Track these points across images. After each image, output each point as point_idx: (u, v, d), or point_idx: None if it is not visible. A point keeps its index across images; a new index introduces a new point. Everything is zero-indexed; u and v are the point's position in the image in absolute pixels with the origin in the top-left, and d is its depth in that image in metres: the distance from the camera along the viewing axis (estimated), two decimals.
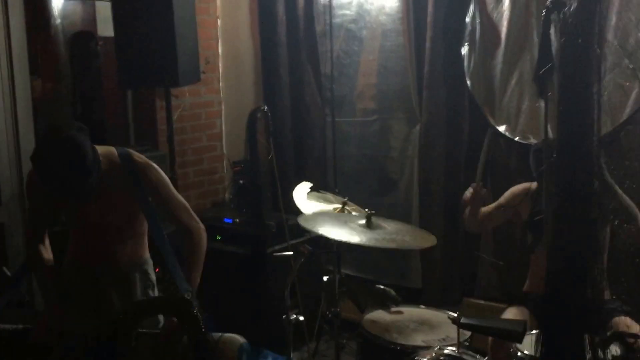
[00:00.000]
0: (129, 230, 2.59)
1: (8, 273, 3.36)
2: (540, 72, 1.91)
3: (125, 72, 3.88)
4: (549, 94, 2.05)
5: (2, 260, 3.80)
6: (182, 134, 4.50)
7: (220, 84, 4.81)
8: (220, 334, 2.22)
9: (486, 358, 2.60)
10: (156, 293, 2.67)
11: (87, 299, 2.57)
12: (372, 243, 2.54)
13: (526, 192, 3.25)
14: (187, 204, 2.60)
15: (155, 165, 2.57)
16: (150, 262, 2.69)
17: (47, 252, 2.60)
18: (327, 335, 4.24)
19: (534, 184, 3.27)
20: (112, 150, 2.52)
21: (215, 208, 4.68)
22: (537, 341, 2.01)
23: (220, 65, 4.79)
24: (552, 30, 1.88)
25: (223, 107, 4.84)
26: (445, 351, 2.64)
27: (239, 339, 2.21)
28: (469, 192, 3.19)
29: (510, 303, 3.26)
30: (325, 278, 3.37)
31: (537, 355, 1.98)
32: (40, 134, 3.82)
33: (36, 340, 2.39)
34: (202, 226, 2.59)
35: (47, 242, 2.62)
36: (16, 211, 3.83)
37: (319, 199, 3.19)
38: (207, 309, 2.56)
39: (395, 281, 4.13)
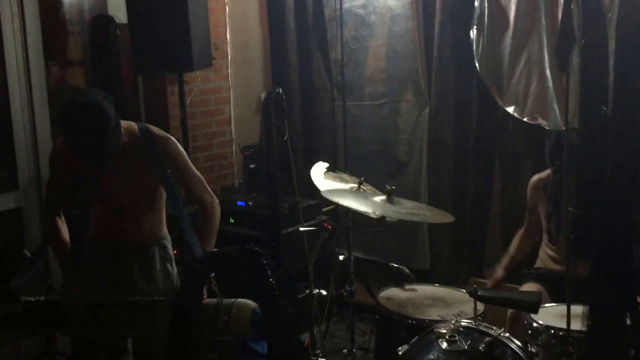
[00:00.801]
0: (148, 205, 2.64)
1: (28, 254, 3.43)
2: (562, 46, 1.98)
3: (139, 57, 3.94)
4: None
5: (20, 243, 3.86)
6: (192, 120, 4.55)
7: (229, 70, 4.86)
8: (234, 299, 2.27)
9: (502, 329, 2.66)
10: (174, 267, 2.72)
11: (107, 273, 2.62)
12: (397, 215, 2.62)
13: (537, 184, 3.39)
14: (202, 178, 2.67)
15: (173, 138, 2.64)
16: (169, 237, 2.75)
17: (64, 227, 2.66)
18: (337, 316, 4.32)
19: (543, 174, 3.39)
20: (133, 124, 2.59)
21: (225, 192, 4.75)
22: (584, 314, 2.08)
23: (229, 51, 4.84)
24: (573, 6, 1.94)
25: (232, 92, 4.90)
26: (463, 323, 2.71)
27: (252, 303, 2.25)
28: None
29: (524, 281, 3.35)
30: (340, 257, 3.46)
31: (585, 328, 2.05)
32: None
33: (61, 310, 2.45)
34: (216, 200, 2.67)
35: (63, 218, 2.68)
36: (33, 196, 3.88)
37: (335, 179, 3.26)
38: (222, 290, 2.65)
39: (404, 263, 4.18)
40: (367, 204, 2.76)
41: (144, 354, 2.74)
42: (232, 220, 4.30)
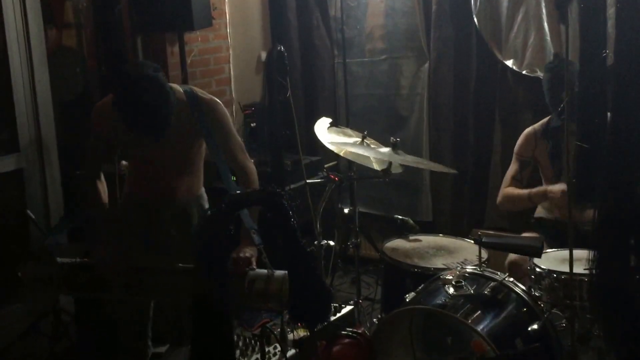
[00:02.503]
0: (188, 165, 2.66)
1: (32, 215, 3.47)
2: None
3: (138, 17, 3.94)
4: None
5: (22, 204, 3.89)
6: (192, 80, 4.56)
7: (228, 30, 4.86)
8: (272, 270, 2.30)
9: (507, 274, 2.76)
10: None
11: (145, 232, 2.65)
12: (406, 163, 2.68)
13: (534, 134, 3.39)
14: (242, 144, 2.68)
15: (219, 102, 2.63)
16: (206, 196, 2.77)
17: (103, 189, 2.66)
18: (341, 270, 4.42)
19: (536, 125, 3.43)
20: (178, 87, 2.58)
21: None
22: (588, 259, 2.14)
23: (227, 11, 4.83)
24: None
25: (231, 52, 4.90)
26: (468, 269, 2.80)
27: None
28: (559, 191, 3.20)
29: (523, 229, 3.44)
30: (346, 210, 3.53)
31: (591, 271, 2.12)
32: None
33: (99, 273, 2.49)
34: (254, 168, 2.69)
35: (103, 179, 2.67)
36: (34, 157, 3.87)
37: (339, 133, 3.31)
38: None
39: (406, 216, 4.26)
40: (375, 154, 2.83)
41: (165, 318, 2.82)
42: (234, 178, 4.34)
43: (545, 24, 3.78)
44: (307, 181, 3.31)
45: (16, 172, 3.86)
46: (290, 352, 2.38)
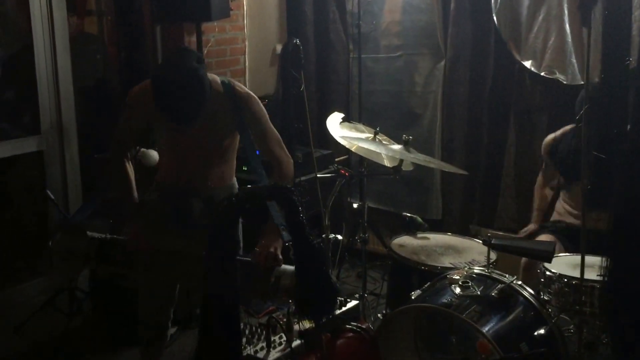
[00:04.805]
0: (221, 155, 2.66)
1: (52, 196, 3.51)
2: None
3: (158, 6, 3.95)
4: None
5: (42, 185, 3.97)
6: (208, 70, 4.55)
7: (245, 21, 4.86)
8: (283, 267, 2.31)
9: (515, 277, 2.74)
10: None
11: (175, 220, 2.64)
12: (417, 162, 2.67)
13: (553, 143, 3.45)
14: (280, 137, 2.68)
15: (256, 97, 2.64)
16: (237, 185, 2.78)
17: (131, 170, 2.68)
18: (347, 263, 4.42)
19: (557, 133, 3.44)
20: (217, 79, 2.59)
21: None
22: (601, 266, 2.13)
23: (244, 2, 4.83)
24: None
25: (247, 44, 4.90)
26: (476, 270, 2.78)
27: None
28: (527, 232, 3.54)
29: (539, 232, 3.42)
30: (355, 205, 3.53)
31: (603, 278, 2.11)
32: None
33: (129, 251, 2.52)
34: (291, 160, 2.69)
35: (130, 161, 2.70)
36: (55, 140, 3.97)
37: (351, 128, 3.30)
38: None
39: (415, 213, 4.24)
40: (386, 150, 2.82)
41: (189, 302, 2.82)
42: (244, 168, 4.35)
43: (567, 26, 3.73)
44: (318, 174, 3.31)
45: (37, 153, 3.95)
46: (295, 342, 2.39)
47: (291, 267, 2.31)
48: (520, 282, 2.71)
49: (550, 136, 3.52)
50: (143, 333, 2.80)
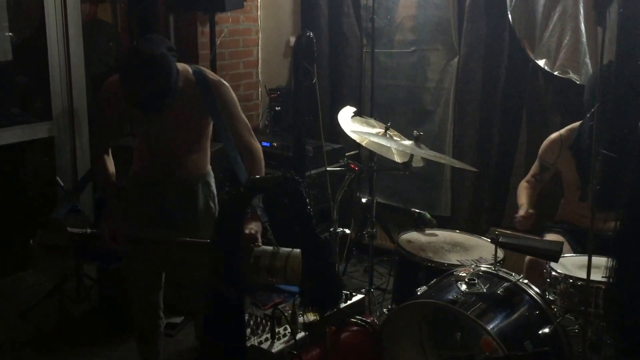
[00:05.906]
0: (195, 144, 2.68)
1: (61, 182, 3.54)
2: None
3: None
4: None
5: (52, 170, 3.99)
6: (220, 60, 4.58)
7: (259, 13, 4.86)
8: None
9: (521, 275, 2.73)
10: (217, 204, 2.78)
11: (151, 209, 2.68)
12: (427, 157, 2.66)
13: (560, 141, 3.33)
14: (249, 125, 2.70)
15: (227, 84, 2.66)
16: (212, 174, 2.80)
17: (111, 163, 2.71)
18: (355, 258, 4.43)
19: (562, 130, 3.37)
20: (187, 67, 2.60)
21: None
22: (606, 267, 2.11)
23: None
24: None
25: (260, 35, 4.91)
26: (482, 268, 2.78)
27: None
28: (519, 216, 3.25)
29: (546, 231, 3.39)
30: (363, 200, 3.53)
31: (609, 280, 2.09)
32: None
33: (107, 246, 2.54)
34: (260, 147, 2.71)
35: (110, 154, 2.72)
36: (65, 126, 3.99)
37: (362, 123, 3.29)
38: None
39: (424, 209, 4.23)
40: (397, 146, 2.82)
41: (177, 288, 2.84)
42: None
43: (582, 25, 3.70)
44: (328, 168, 3.31)
45: (48, 139, 3.96)
46: (300, 334, 2.40)
47: (269, 248, 2.33)
48: (526, 281, 2.70)
49: (556, 134, 3.38)
50: (134, 322, 2.84)
